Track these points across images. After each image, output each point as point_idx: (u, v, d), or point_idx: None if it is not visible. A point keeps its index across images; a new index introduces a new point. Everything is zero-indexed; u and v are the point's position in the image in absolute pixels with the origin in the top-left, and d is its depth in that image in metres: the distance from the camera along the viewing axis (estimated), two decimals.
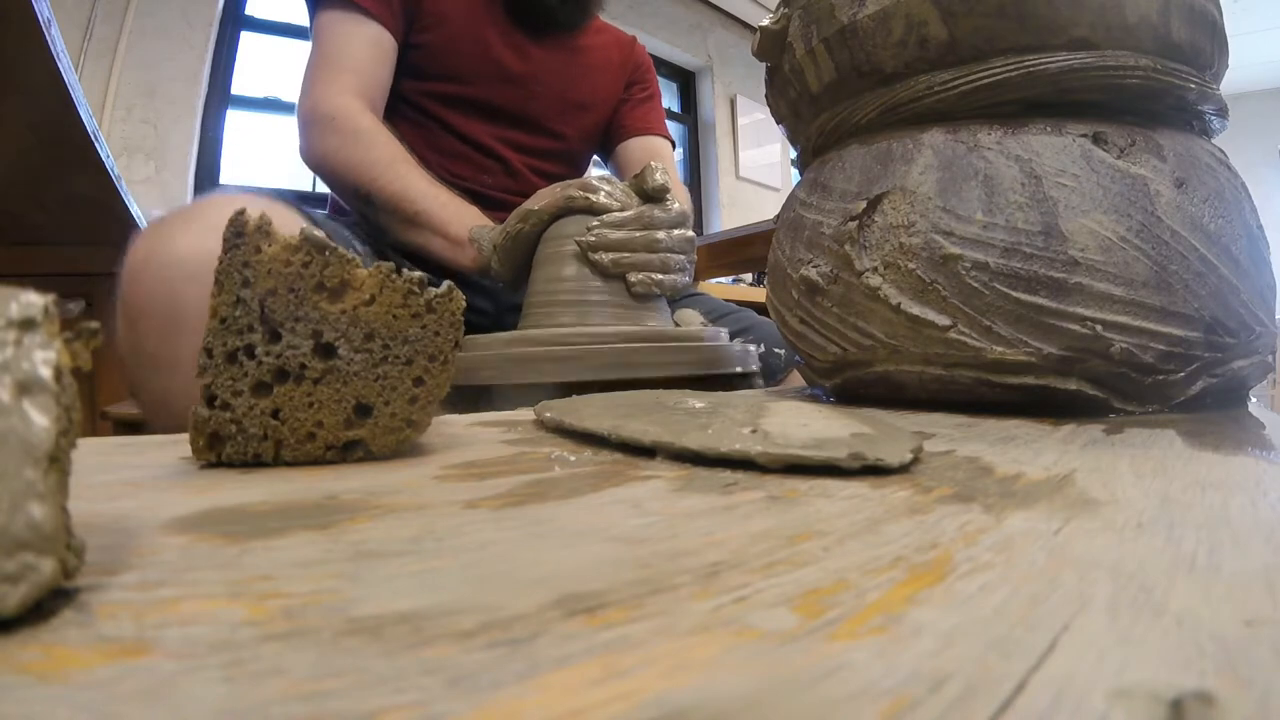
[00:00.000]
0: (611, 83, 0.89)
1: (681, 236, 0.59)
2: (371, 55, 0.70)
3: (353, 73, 0.69)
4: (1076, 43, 0.33)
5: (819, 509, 0.16)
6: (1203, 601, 0.10)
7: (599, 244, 0.56)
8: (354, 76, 0.69)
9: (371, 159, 0.65)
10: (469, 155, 0.78)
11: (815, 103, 0.42)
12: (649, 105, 0.94)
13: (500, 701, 0.08)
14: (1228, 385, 0.33)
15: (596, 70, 0.86)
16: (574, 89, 0.84)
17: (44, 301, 0.11)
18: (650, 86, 0.94)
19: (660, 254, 0.57)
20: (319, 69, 0.69)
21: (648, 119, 0.92)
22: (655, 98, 0.95)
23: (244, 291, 0.21)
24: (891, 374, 0.36)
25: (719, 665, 0.08)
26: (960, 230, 0.33)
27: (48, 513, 0.10)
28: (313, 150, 0.68)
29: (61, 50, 0.56)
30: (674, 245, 0.58)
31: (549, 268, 0.58)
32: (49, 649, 0.09)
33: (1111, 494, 0.17)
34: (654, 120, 0.93)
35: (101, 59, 1.83)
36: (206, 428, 0.21)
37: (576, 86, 0.84)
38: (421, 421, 0.24)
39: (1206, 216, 0.32)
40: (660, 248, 0.57)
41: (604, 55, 0.88)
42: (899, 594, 0.11)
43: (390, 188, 0.64)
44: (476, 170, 0.78)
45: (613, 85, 0.89)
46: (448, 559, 0.13)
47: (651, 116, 0.93)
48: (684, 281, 0.60)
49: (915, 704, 0.08)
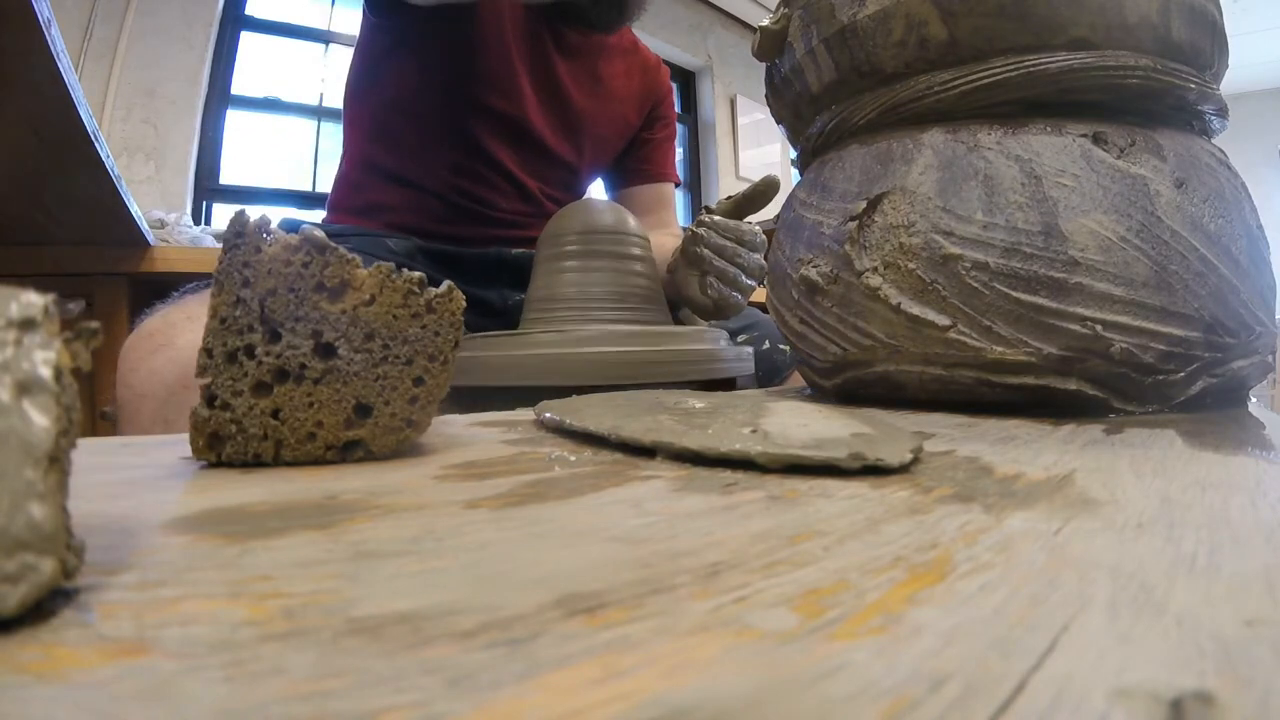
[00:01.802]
0: (629, 114, 0.88)
1: (758, 262, 0.62)
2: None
3: None
4: (1076, 43, 0.33)
5: (819, 509, 0.16)
6: (1203, 601, 0.10)
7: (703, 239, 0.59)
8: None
9: None
10: (481, 170, 0.76)
11: (815, 103, 0.42)
12: (666, 147, 0.93)
13: (500, 701, 0.08)
14: (1228, 385, 0.33)
15: (615, 101, 0.85)
16: (594, 121, 0.83)
17: (44, 301, 0.11)
18: (670, 124, 0.94)
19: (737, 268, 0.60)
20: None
21: (664, 164, 0.92)
22: (673, 135, 0.95)
23: (244, 291, 0.21)
24: (891, 374, 0.36)
25: (719, 665, 0.08)
26: (960, 230, 0.33)
27: (48, 513, 0.10)
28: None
29: (61, 50, 0.56)
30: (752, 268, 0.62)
31: (549, 265, 0.58)
32: (49, 649, 0.09)
33: (1111, 494, 0.17)
34: (669, 165, 0.93)
35: (101, 59, 1.83)
36: (206, 428, 0.21)
37: (595, 118, 0.83)
38: (421, 421, 0.24)
39: (1206, 216, 0.32)
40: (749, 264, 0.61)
41: (627, 84, 0.87)
42: (899, 594, 0.11)
43: None
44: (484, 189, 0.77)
45: (631, 116, 0.88)
46: (448, 559, 0.13)
47: (667, 160, 0.93)
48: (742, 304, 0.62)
49: (915, 704, 0.08)
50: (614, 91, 0.85)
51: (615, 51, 0.86)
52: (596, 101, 0.82)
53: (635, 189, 0.90)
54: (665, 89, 0.93)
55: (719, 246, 0.60)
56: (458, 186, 0.75)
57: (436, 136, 0.75)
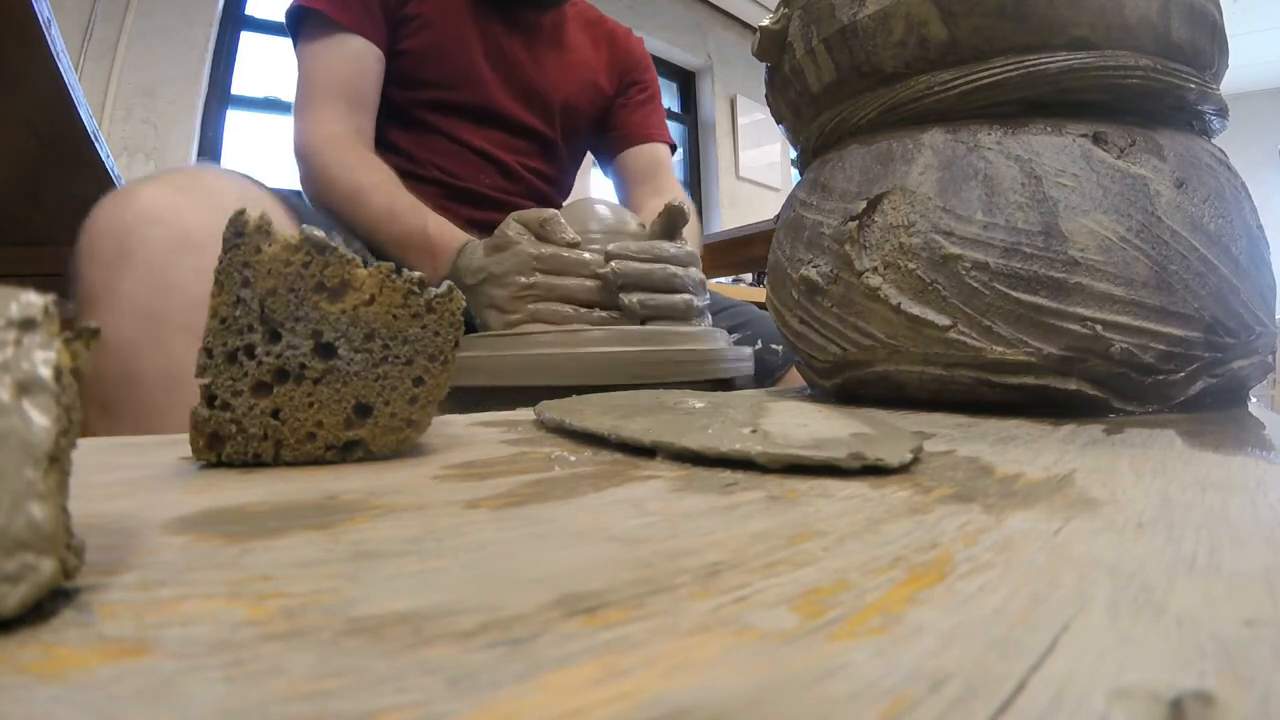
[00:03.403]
0: (599, 80, 0.88)
1: (698, 279, 0.59)
2: (355, 71, 0.70)
3: (338, 98, 0.69)
4: (1076, 43, 0.33)
5: (819, 509, 0.16)
6: (1203, 601, 0.10)
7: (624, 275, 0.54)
8: (339, 102, 0.69)
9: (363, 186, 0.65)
10: (464, 157, 0.78)
11: (815, 103, 0.42)
12: (649, 108, 0.92)
13: (500, 701, 0.08)
14: (1228, 385, 0.33)
15: (582, 68, 0.85)
16: (557, 89, 0.83)
17: (44, 301, 0.11)
18: (649, 86, 0.93)
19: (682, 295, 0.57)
20: (304, 101, 0.70)
21: (647, 124, 0.91)
22: (654, 98, 0.94)
23: (244, 291, 0.21)
24: (891, 374, 0.36)
25: (719, 665, 0.08)
26: (960, 230, 0.33)
27: (48, 513, 0.10)
28: (305, 186, 0.70)
29: (61, 50, 0.56)
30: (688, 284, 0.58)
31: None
32: (49, 649, 0.09)
33: (1111, 494, 0.17)
34: (654, 125, 0.91)
35: (101, 59, 1.83)
36: (206, 428, 0.21)
37: (560, 86, 0.83)
38: (421, 421, 0.24)
39: (1206, 216, 0.32)
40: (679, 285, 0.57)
41: (592, 52, 0.87)
42: (899, 594, 0.11)
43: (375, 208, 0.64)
44: (475, 171, 0.78)
45: (601, 83, 0.88)
46: (448, 559, 0.13)
47: (651, 120, 0.91)
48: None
49: (915, 704, 0.08)
50: (580, 60, 0.85)
51: (577, 24, 0.87)
52: (558, 71, 0.83)
53: (624, 155, 0.90)
54: (638, 56, 0.93)
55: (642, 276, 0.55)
56: (447, 170, 0.77)
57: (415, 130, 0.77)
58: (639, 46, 0.94)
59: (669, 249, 0.57)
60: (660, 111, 0.94)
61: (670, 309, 0.56)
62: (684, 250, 0.58)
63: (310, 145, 0.68)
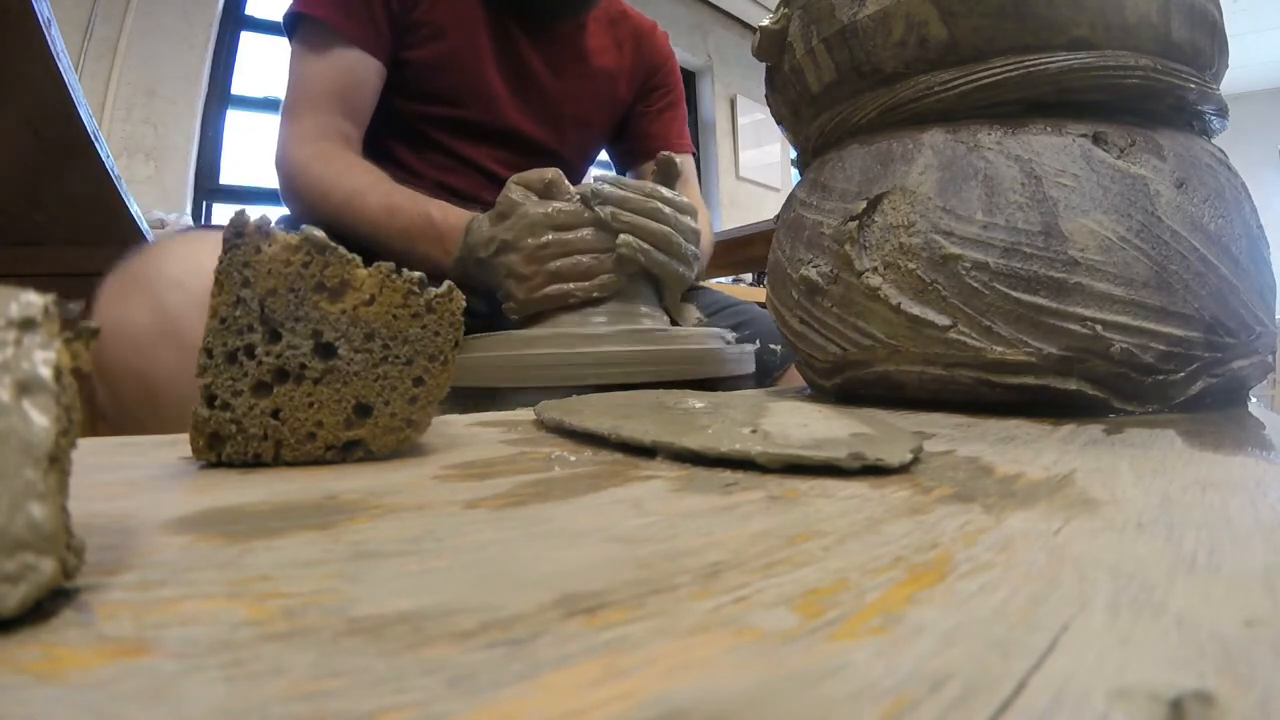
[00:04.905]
0: (619, 90, 0.84)
1: (688, 225, 0.57)
2: (349, 83, 0.68)
3: (329, 110, 0.67)
4: (1076, 43, 0.33)
5: (819, 509, 0.16)
6: (1203, 601, 0.10)
7: (602, 194, 0.53)
8: (329, 114, 0.67)
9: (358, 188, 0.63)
10: (469, 174, 0.75)
11: (815, 103, 0.42)
12: (669, 115, 0.87)
13: (500, 701, 0.08)
14: (1228, 385, 0.33)
15: (601, 78, 0.81)
16: (574, 102, 0.79)
17: (44, 301, 0.11)
18: (672, 90, 0.88)
19: (661, 226, 0.55)
20: (292, 109, 0.67)
21: (668, 134, 0.87)
22: (676, 103, 0.89)
23: (244, 291, 0.21)
24: (891, 374, 0.36)
25: (719, 665, 0.08)
26: (960, 230, 0.33)
27: (48, 513, 0.10)
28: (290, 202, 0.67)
29: (61, 50, 0.56)
30: (678, 225, 0.56)
31: None
32: (49, 649, 0.09)
33: (1111, 494, 0.17)
34: (675, 134, 0.87)
35: (101, 59, 1.83)
36: (206, 428, 0.21)
37: (577, 100, 0.80)
38: (421, 421, 0.24)
39: (1206, 216, 0.32)
40: (663, 218, 0.55)
41: (614, 57, 0.83)
42: (899, 594, 0.11)
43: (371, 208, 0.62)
44: (479, 188, 0.76)
45: (620, 92, 0.84)
46: (448, 559, 0.13)
47: (672, 130, 0.87)
48: (687, 276, 0.58)
49: (915, 704, 0.08)
50: (599, 69, 0.81)
51: (599, 24, 0.82)
52: (577, 82, 0.79)
53: (646, 168, 0.85)
54: (663, 55, 0.88)
55: (621, 199, 0.53)
56: (450, 186, 0.75)
57: (418, 143, 0.75)
58: (664, 44, 0.89)
59: (663, 191, 0.56)
60: (682, 118, 0.90)
61: (648, 232, 0.54)
62: (679, 197, 0.57)
63: (297, 160, 0.66)
